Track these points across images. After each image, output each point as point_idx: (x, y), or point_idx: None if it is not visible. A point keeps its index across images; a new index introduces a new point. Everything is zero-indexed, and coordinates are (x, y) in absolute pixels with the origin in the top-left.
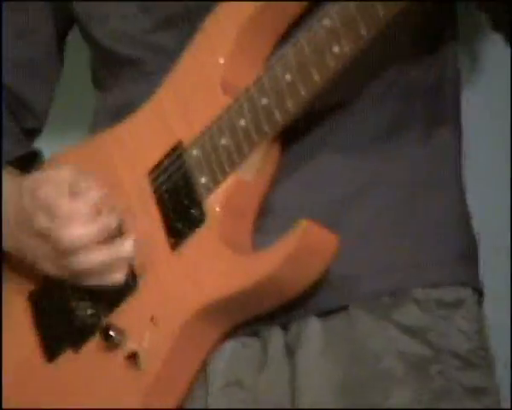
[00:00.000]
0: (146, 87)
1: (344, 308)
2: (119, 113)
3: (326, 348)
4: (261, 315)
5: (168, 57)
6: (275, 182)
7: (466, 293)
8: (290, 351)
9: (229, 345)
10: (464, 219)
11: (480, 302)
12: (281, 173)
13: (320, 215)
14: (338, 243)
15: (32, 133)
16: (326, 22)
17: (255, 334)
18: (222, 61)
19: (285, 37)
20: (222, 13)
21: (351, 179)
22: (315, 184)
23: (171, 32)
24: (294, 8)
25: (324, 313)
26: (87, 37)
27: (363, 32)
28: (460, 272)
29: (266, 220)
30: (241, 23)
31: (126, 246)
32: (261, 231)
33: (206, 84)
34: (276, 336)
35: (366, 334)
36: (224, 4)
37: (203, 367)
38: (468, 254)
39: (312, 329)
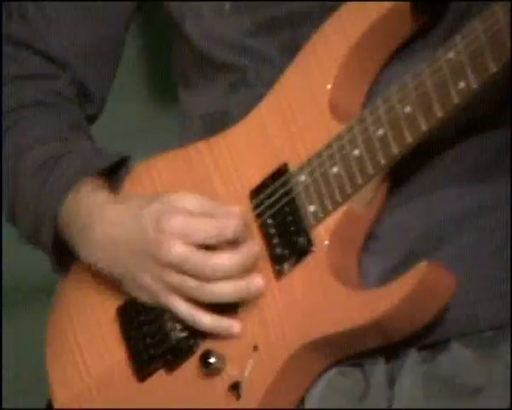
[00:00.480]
0: (245, 97)
1: (445, 342)
2: (213, 121)
3: (424, 383)
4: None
5: (271, 67)
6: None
7: None
8: (392, 383)
9: (330, 374)
10: None
11: None
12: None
13: (422, 239)
14: (456, 285)
15: (90, 120)
16: (451, 55)
17: (357, 364)
18: (330, 85)
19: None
20: (331, 31)
21: (454, 205)
22: (418, 208)
23: (273, 39)
24: (406, 29)
25: (425, 346)
26: (178, 31)
27: (493, 68)
28: None
29: (369, 242)
30: (351, 44)
31: (257, 285)
32: (364, 252)
33: (314, 106)
34: (378, 367)
35: (467, 369)
36: (334, 22)
37: None
38: None
39: (412, 362)
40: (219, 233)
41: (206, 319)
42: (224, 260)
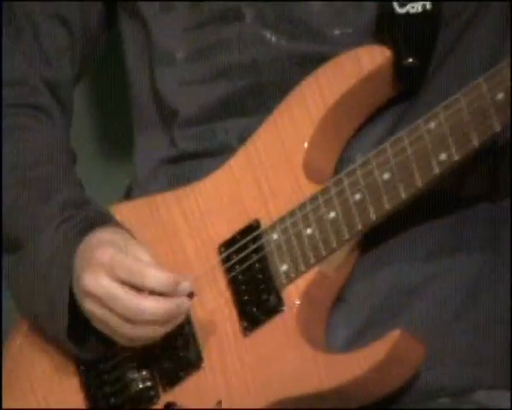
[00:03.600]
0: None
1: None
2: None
3: None
4: None
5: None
6: None
7: None
8: None
9: None
10: None
11: None
12: None
13: (383, 304)
14: (425, 354)
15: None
16: (432, 126)
17: None
18: (305, 145)
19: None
20: (308, 92)
21: (417, 270)
22: (381, 273)
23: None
24: (386, 92)
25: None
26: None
27: (475, 142)
28: None
29: (336, 305)
30: (328, 106)
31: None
32: (330, 316)
33: (287, 165)
34: None
35: None
36: (311, 82)
37: None
38: None
39: None
40: (138, 278)
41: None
42: (148, 303)
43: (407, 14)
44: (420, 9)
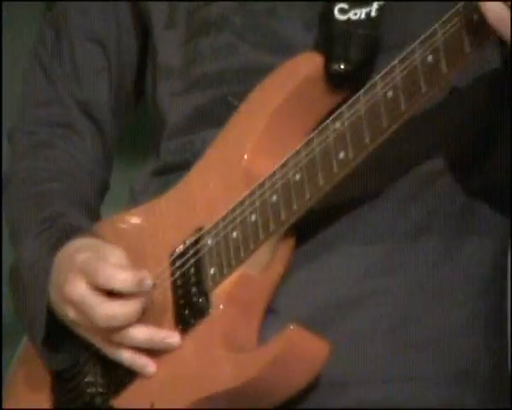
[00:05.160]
0: None
1: None
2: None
3: None
4: None
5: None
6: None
7: None
8: None
9: None
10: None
11: None
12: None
13: (317, 316)
14: (328, 351)
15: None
16: (337, 125)
17: None
18: (247, 153)
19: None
20: (254, 101)
21: (354, 284)
22: (318, 284)
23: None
24: (327, 99)
25: None
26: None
27: (367, 140)
28: (458, 397)
29: (268, 316)
30: (269, 114)
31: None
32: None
33: (232, 173)
34: None
35: None
36: (258, 91)
37: None
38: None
39: None
40: (107, 280)
41: (125, 354)
42: (115, 307)
43: (347, 20)
44: (363, 17)
